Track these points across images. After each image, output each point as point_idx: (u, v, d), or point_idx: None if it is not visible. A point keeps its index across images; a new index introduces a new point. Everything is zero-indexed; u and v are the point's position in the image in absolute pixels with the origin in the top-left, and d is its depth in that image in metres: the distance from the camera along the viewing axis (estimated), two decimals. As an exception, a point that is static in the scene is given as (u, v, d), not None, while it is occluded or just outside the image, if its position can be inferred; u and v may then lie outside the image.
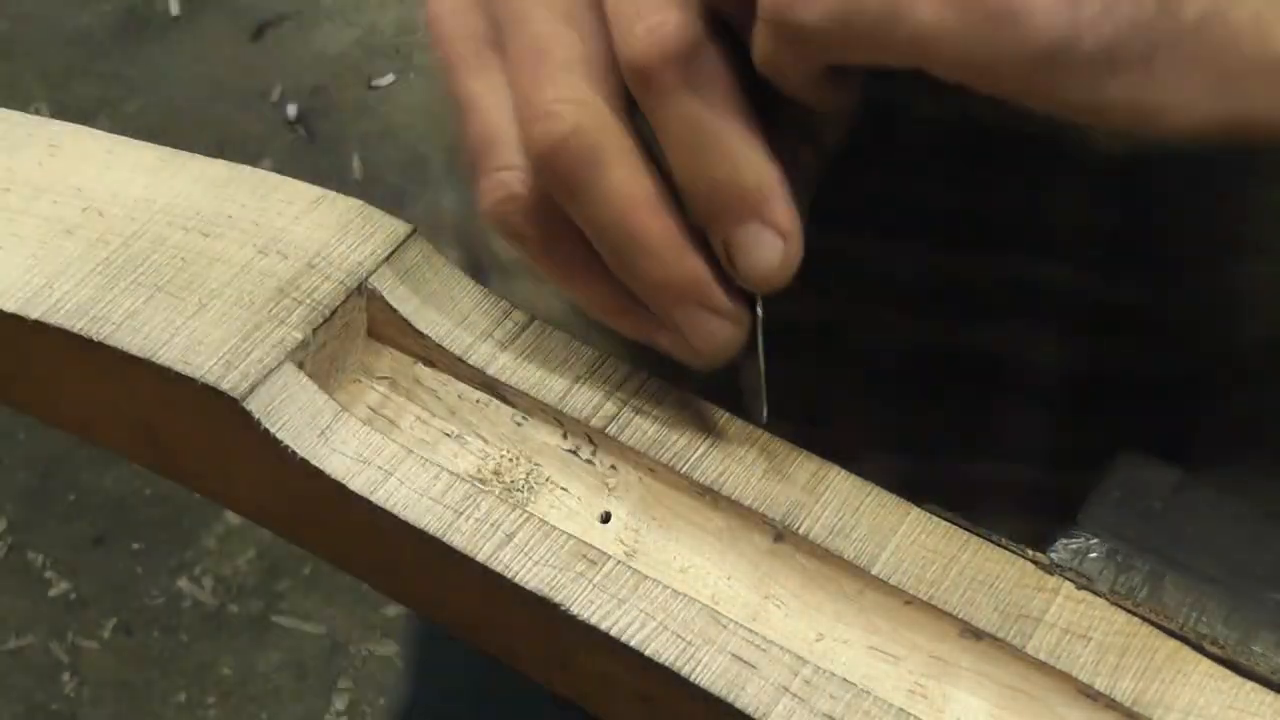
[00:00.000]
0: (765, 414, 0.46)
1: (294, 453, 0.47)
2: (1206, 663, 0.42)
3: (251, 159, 2.15)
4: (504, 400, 0.50)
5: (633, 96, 0.41)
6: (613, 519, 0.48)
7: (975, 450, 0.58)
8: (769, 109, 0.42)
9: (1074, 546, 0.44)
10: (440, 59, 0.45)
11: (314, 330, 0.49)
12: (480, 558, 0.45)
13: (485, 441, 0.50)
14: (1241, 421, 0.57)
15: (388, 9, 2.44)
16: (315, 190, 0.54)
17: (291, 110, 2.28)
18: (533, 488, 0.49)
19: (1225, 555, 0.44)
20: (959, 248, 0.54)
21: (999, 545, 0.45)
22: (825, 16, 0.37)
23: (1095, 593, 0.44)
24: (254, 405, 0.47)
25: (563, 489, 0.49)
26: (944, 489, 0.46)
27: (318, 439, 0.47)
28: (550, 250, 0.45)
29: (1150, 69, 0.36)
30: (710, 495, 0.47)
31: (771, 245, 0.41)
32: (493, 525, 0.45)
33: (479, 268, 0.59)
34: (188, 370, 0.48)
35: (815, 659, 0.43)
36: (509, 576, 0.44)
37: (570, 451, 0.49)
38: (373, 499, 0.46)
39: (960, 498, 0.46)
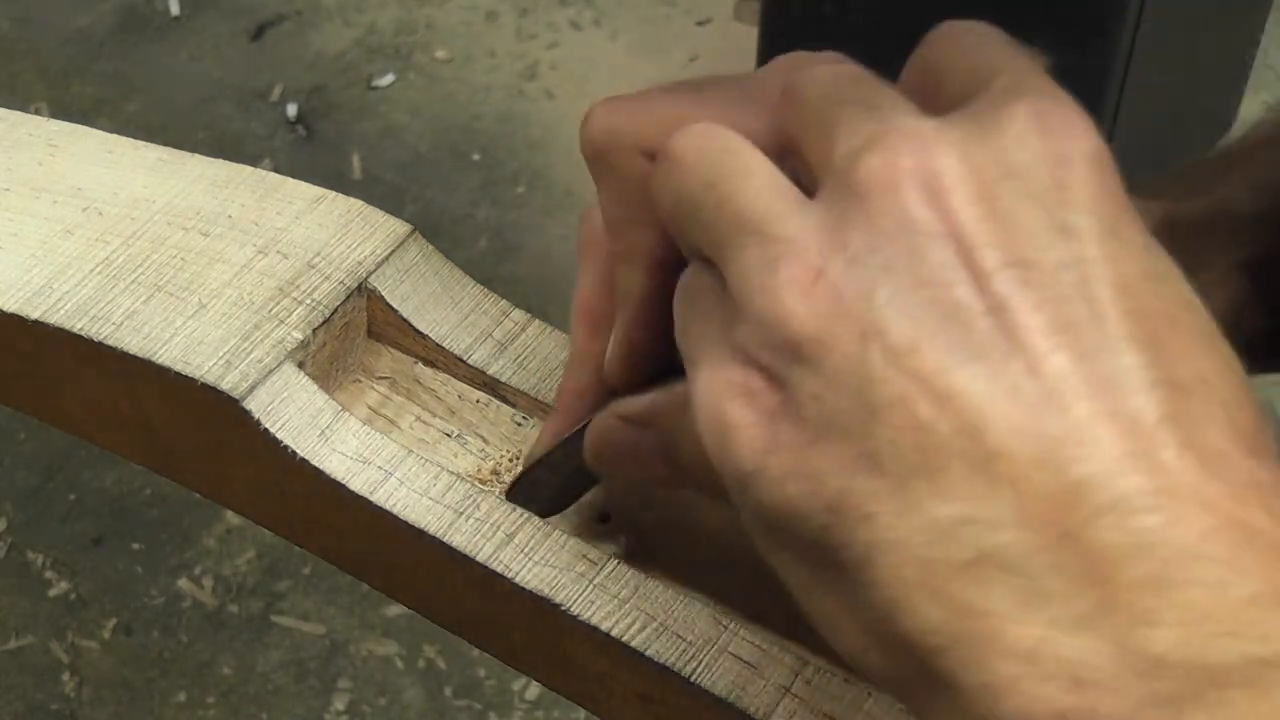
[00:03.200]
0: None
1: (294, 453, 0.47)
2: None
3: (251, 159, 2.15)
4: (504, 400, 0.50)
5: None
6: (613, 519, 0.48)
7: None
8: None
9: None
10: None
11: (314, 330, 0.49)
12: (480, 558, 0.45)
13: (485, 441, 0.50)
14: None
15: (388, 9, 2.44)
16: (315, 190, 0.54)
17: (291, 110, 2.28)
18: (533, 488, 0.49)
19: None
20: None
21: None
22: None
23: None
24: (254, 405, 0.47)
25: (563, 489, 0.49)
26: None
27: (318, 439, 0.47)
28: None
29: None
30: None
31: None
32: (493, 525, 0.45)
33: None
34: (188, 370, 0.48)
35: (816, 659, 0.43)
36: (509, 576, 0.44)
37: (570, 451, 0.49)
38: (373, 499, 0.46)
39: None
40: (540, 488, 0.46)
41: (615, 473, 0.43)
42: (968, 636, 0.30)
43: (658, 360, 0.41)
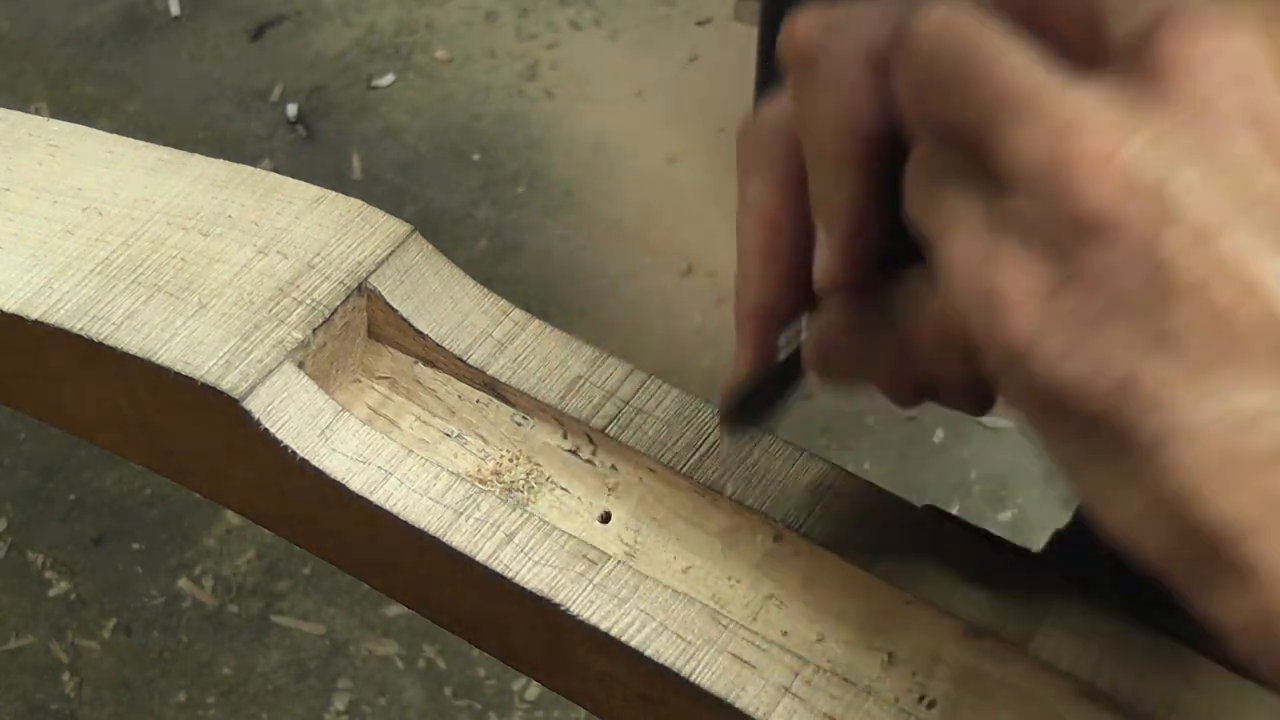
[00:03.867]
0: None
1: (294, 453, 0.47)
2: (1207, 662, 0.42)
3: (251, 159, 2.15)
4: (504, 400, 0.50)
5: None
6: (613, 519, 0.48)
7: None
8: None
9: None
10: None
11: (314, 330, 0.49)
12: (480, 558, 0.45)
13: (485, 441, 0.50)
14: None
15: (388, 9, 2.44)
16: (315, 190, 0.54)
17: (291, 110, 2.28)
18: (533, 488, 0.49)
19: None
20: None
21: (998, 542, 0.45)
22: None
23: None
24: (254, 405, 0.47)
25: (563, 489, 0.49)
26: None
27: (318, 439, 0.47)
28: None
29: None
30: (710, 495, 0.47)
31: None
32: (493, 525, 0.45)
33: None
34: (188, 370, 0.48)
35: (816, 659, 0.43)
36: (509, 576, 0.44)
37: (570, 451, 0.49)
38: (373, 499, 0.46)
39: None
40: (752, 410, 0.44)
41: (847, 377, 0.41)
42: (1271, 527, 0.29)
43: (871, 262, 0.39)
